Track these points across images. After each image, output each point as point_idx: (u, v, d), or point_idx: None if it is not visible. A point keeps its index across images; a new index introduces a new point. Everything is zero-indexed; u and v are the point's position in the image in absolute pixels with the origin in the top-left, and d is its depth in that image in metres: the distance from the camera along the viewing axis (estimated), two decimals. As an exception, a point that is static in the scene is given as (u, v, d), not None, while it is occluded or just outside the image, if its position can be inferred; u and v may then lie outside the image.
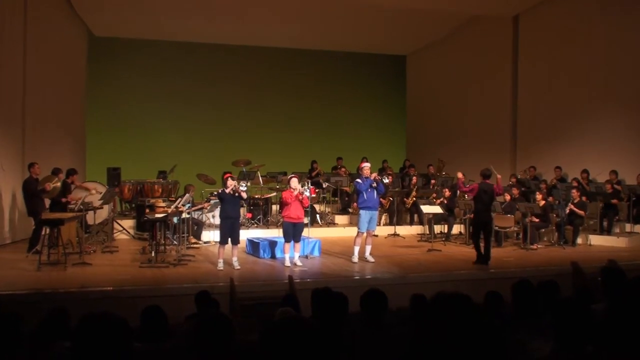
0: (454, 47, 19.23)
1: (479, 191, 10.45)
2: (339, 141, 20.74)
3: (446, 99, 19.55)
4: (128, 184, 14.46)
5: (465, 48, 18.67)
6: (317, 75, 21.35)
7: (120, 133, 19.04)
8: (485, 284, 8.41)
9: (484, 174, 10.58)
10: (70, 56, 16.48)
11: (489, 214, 10.67)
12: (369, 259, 10.49)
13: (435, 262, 10.64)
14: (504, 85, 16.93)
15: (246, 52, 20.31)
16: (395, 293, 5.49)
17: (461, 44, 18.85)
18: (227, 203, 9.76)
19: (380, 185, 10.45)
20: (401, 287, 8.26)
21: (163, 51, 19.63)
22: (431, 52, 20.57)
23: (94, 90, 18.50)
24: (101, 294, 7.91)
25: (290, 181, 10.30)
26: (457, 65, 19.01)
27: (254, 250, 11.28)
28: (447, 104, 19.45)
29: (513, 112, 16.69)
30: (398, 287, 8.29)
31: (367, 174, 10.51)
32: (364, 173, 10.60)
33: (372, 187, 10.39)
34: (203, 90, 19.94)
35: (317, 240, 11.48)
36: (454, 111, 19.09)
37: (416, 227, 14.86)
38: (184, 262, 10.15)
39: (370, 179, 10.38)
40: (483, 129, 17.65)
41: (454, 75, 19.10)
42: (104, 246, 11.70)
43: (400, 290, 7.44)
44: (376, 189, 10.44)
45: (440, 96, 19.89)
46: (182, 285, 8.31)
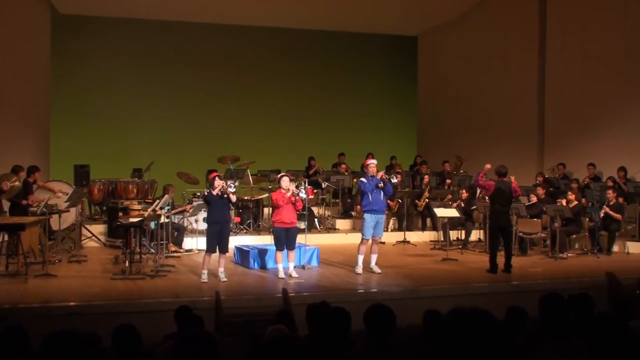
0: (471, 27, 19.22)
1: (495, 190, 10.47)
2: (341, 135, 20.72)
3: (463, 86, 19.54)
4: (98, 184, 14.44)
5: (484, 28, 18.66)
6: (315, 59, 21.33)
7: (89, 125, 19.00)
8: (507, 298, 8.42)
9: (500, 172, 10.63)
10: (31, 37, 16.43)
11: (507, 217, 10.70)
12: (374, 269, 10.49)
13: (451, 273, 10.64)
14: (529, 70, 16.92)
15: (234, 33, 20.29)
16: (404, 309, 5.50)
17: (480, 24, 18.84)
18: (215, 206, 9.77)
19: (387, 186, 10.44)
20: (412, 302, 8.27)
21: (138, 31, 19.60)
22: (446, 33, 20.55)
23: (59, 77, 18.48)
24: (67, 310, 7.90)
25: (280, 181, 10.30)
26: (475, 47, 19.00)
27: (243, 259, 11.27)
28: (464, 92, 19.45)
29: (540, 101, 16.68)
30: (408, 301, 8.31)
31: (373, 172, 10.50)
32: (369, 171, 10.57)
33: (379, 187, 10.38)
34: (184, 76, 19.90)
35: (315, 248, 11.47)
36: (471, 100, 19.08)
37: (429, 233, 14.87)
38: (163, 274, 10.13)
39: (377, 178, 10.37)
40: (505, 120, 17.65)
41: (472, 59, 19.09)
42: (70, 255, 11.67)
43: (410, 306, 7.45)
44: (383, 189, 10.43)
45: (456, 83, 19.88)
46: (161, 300, 8.31)
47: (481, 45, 18.76)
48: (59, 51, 18.35)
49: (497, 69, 18.06)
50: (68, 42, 18.80)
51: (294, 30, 20.63)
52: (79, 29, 18.97)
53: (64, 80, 18.79)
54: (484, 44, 18.65)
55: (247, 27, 20.28)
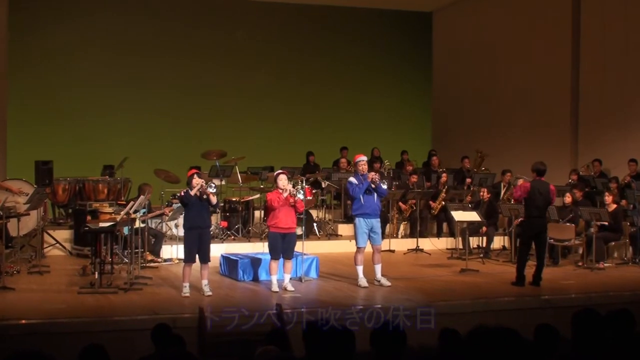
0: (494, 2, 19.21)
1: (531, 191, 10.43)
2: (344, 126, 20.71)
3: (484, 70, 19.51)
4: (63, 183, 14.42)
5: (509, 3, 18.65)
6: (315, 39, 21.28)
7: (53, 115, 18.94)
8: (536, 314, 8.45)
9: (539, 169, 10.58)
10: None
11: (543, 222, 10.71)
12: (382, 282, 10.51)
13: (471, 286, 10.65)
14: (561, 52, 16.89)
15: (220, 7, 20.26)
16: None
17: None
18: (193, 208, 9.77)
19: (379, 186, 10.49)
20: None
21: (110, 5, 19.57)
22: (465, 8, 20.54)
23: (17, 58, 18.31)
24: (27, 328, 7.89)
25: (277, 179, 10.30)
26: (498, 25, 18.97)
27: (231, 270, 11.27)
28: (486, 77, 19.41)
29: (574, 89, 16.66)
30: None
31: (363, 170, 10.56)
32: (359, 169, 10.63)
33: (372, 187, 10.43)
34: (163, 57, 19.81)
35: (314, 258, 11.49)
36: (494, 87, 19.05)
37: (445, 240, 14.88)
38: (138, 287, 10.11)
39: (368, 181, 10.43)
40: (533, 109, 17.63)
41: (495, 39, 19.05)
42: (30, 265, 11.64)
43: (424, 324, 7.43)
44: (376, 190, 10.48)
45: (477, 67, 19.85)
46: (135, 317, 8.30)
47: (505, 22, 18.72)
48: (16, 27, 17.85)
49: (523, 51, 18.02)
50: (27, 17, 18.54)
51: (288, 4, 20.55)
52: (40, 3, 18.88)
53: (23, 63, 18.61)
54: (508, 21, 18.61)
55: (236, 0, 20.23)
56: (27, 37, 18.78)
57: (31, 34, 18.86)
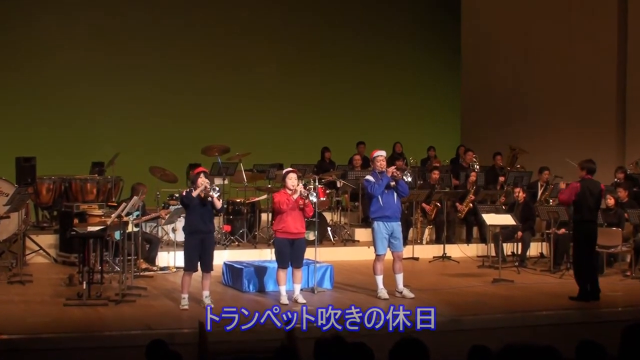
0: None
1: (582, 192, 10.33)
2: (362, 119, 20.70)
3: (518, 56, 19.46)
4: (47, 182, 14.46)
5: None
6: (329, 20, 21.31)
7: (35, 107, 19.02)
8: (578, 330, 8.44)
9: (590, 168, 10.50)
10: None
11: (596, 225, 10.65)
12: (405, 293, 10.49)
13: (504, 299, 10.63)
14: (606, 36, 16.83)
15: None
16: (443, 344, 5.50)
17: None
18: (194, 211, 9.76)
19: (401, 184, 10.44)
20: (453, 336, 8.30)
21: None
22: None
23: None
24: (8, 344, 7.90)
25: (286, 178, 10.28)
26: (534, 5, 18.92)
27: (234, 280, 11.29)
28: (520, 64, 19.36)
29: (620, 76, 16.60)
30: (448, 335, 8.31)
31: (382, 167, 10.50)
32: (377, 166, 10.57)
33: (390, 187, 10.39)
34: (158, 43, 19.88)
35: (329, 266, 11.49)
36: (530, 75, 19.00)
37: (475, 246, 14.87)
38: (131, 298, 10.12)
39: (388, 177, 10.35)
40: (575, 101, 17.56)
41: (530, 21, 19.00)
42: (11, 274, 11.69)
43: (451, 340, 7.44)
44: (396, 189, 10.44)
45: (511, 52, 19.80)
46: (128, 332, 8.35)
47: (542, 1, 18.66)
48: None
49: (563, 34, 17.97)
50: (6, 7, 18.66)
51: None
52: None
53: (1, 48, 18.71)
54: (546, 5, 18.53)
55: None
56: (10, 32, 18.87)
57: (14, 29, 18.94)
